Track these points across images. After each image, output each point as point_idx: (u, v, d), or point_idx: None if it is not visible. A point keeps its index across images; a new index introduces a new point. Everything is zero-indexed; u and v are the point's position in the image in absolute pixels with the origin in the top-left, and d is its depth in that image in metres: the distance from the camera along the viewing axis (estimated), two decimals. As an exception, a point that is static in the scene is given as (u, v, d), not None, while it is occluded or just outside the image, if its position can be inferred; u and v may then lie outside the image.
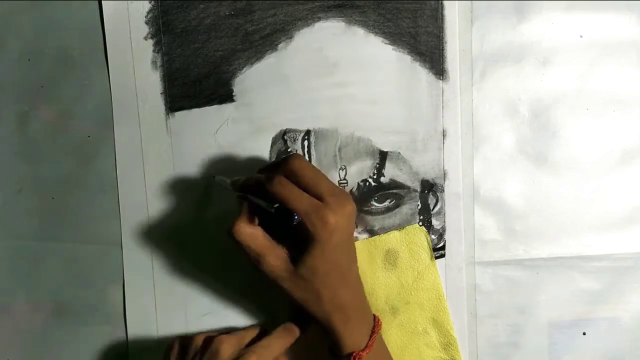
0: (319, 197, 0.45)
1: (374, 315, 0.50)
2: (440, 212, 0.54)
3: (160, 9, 0.52)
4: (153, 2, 0.52)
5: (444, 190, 0.53)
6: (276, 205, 0.45)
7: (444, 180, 0.53)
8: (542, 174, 0.53)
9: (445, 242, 0.54)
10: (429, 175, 0.54)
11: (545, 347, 0.54)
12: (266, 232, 0.47)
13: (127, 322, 0.55)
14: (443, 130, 0.53)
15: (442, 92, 0.53)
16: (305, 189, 0.45)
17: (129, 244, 0.54)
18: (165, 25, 0.53)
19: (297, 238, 0.46)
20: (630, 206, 0.53)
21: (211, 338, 0.47)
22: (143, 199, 0.54)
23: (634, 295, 0.54)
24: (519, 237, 0.54)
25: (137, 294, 0.55)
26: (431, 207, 0.54)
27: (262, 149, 0.53)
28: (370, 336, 0.48)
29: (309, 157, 0.53)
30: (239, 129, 0.53)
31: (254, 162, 0.53)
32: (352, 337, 0.47)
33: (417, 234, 0.53)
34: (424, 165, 0.53)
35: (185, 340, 0.49)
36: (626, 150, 0.53)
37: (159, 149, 0.54)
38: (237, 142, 0.53)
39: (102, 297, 0.55)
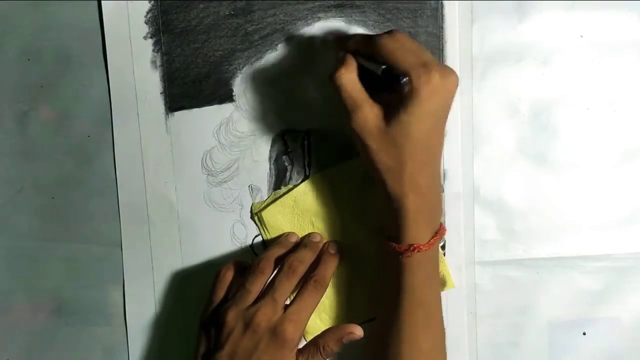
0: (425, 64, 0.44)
1: (441, 223, 0.49)
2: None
3: (160, 8, 0.52)
4: (153, 1, 0.52)
5: (444, 191, 0.53)
6: (384, 67, 0.44)
7: (444, 180, 0.53)
8: (542, 174, 0.53)
9: (445, 242, 0.54)
10: (429, 175, 0.53)
11: (545, 347, 0.54)
12: None
13: (127, 322, 0.55)
14: (443, 130, 0.53)
15: (442, 92, 0.53)
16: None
17: (129, 244, 0.54)
18: (165, 25, 0.53)
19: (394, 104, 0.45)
20: (630, 206, 0.53)
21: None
22: (143, 199, 0.54)
23: (634, 295, 0.54)
24: (519, 237, 0.54)
25: (137, 294, 0.55)
26: (431, 207, 0.54)
27: (262, 149, 0.53)
28: (433, 236, 0.47)
29: (309, 157, 0.53)
30: (239, 129, 0.53)
31: (254, 162, 0.53)
32: (416, 229, 0.46)
33: None
34: (424, 165, 0.53)
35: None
36: (626, 150, 0.53)
37: (159, 149, 0.54)
38: (237, 142, 0.53)
39: (102, 297, 0.55)
